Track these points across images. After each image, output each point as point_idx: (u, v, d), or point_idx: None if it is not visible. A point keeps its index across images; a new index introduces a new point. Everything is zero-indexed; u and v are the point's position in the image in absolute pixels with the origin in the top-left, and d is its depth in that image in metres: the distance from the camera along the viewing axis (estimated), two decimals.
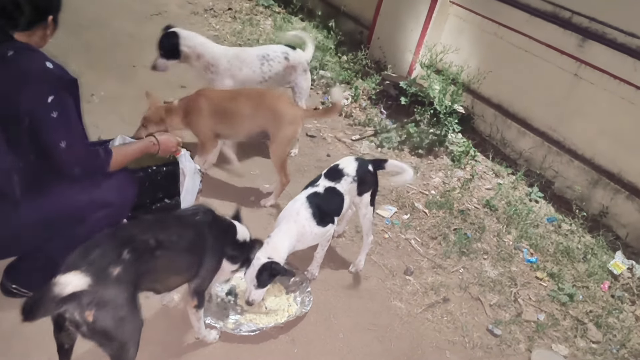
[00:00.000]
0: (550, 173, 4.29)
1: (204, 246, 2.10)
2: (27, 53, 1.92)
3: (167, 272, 2.01)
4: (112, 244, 1.76)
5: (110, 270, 1.67)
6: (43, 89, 1.87)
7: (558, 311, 3.10)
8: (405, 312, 2.85)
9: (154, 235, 1.89)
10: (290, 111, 3.20)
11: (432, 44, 4.98)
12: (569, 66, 4.12)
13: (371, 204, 2.88)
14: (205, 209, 2.19)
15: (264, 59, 3.68)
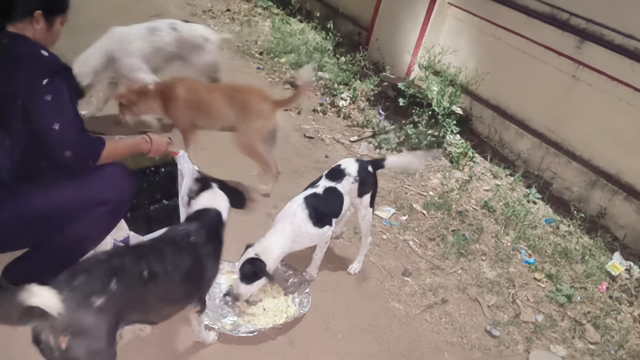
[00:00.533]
0: (548, 174, 4.29)
1: (203, 269, 2.03)
2: (22, 40, 1.96)
3: (162, 303, 1.91)
4: (101, 271, 1.66)
5: (93, 300, 1.58)
6: (37, 72, 1.89)
7: (556, 312, 3.11)
8: (403, 313, 2.85)
9: (148, 265, 1.78)
10: (259, 105, 3.26)
11: (431, 46, 4.99)
12: (567, 67, 4.13)
13: (371, 206, 2.89)
14: (196, 227, 2.07)
15: (153, 30, 3.72)
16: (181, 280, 1.92)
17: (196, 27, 3.88)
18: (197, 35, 3.84)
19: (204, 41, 3.85)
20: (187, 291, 2.01)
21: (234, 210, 3.21)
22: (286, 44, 5.69)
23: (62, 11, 2.08)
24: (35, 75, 1.89)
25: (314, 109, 4.75)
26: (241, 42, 5.71)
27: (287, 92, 4.96)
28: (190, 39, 3.81)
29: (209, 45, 3.88)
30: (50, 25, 2.04)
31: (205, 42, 3.86)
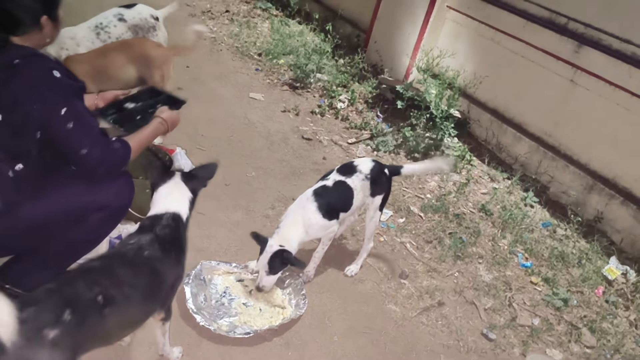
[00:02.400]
0: (545, 178, 4.30)
1: (162, 281, 1.89)
2: (34, 61, 1.88)
3: (122, 326, 1.80)
4: (52, 302, 1.53)
5: (45, 332, 1.45)
6: (55, 102, 1.84)
7: (552, 316, 3.11)
8: (400, 315, 2.85)
9: (102, 290, 1.63)
10: (159, 52, 3.33)
11: (429, 49, 4.99)
12: (565, 72, 4.14)
13: (380, 209, 2.92)
14: (148, 240, 1.88)
15: (98, 29, 3.61)
16: (141, 298, 1.79)
17: (140, 8, 3.80)
18: (146, 16, 3.79)
19: (154, 20, 3.82)
20: (149, 308, 1.89)
21: (232, 209, 3.24)
22: (285, 45, 5.70)
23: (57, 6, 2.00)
24: (53, 105, 1.84)
25: (312, 111, 4.75)
26: (240, 44, 5.71)
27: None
28: (141, 23, 3.75)
29: (159, 23, 3.86)
30: (55, 22, 1.99)
31: (156, 21, 3.83)
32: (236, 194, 3.44)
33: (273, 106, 4.69)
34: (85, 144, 1.92)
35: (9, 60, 1.84)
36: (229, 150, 3.91)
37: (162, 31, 3.90)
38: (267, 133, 4.25)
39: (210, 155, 3.76)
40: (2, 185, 1.89)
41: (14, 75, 1.83)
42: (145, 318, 1.92)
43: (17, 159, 1.91)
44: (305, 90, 5.09)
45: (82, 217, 2.08)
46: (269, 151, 4.03)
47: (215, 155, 3.76)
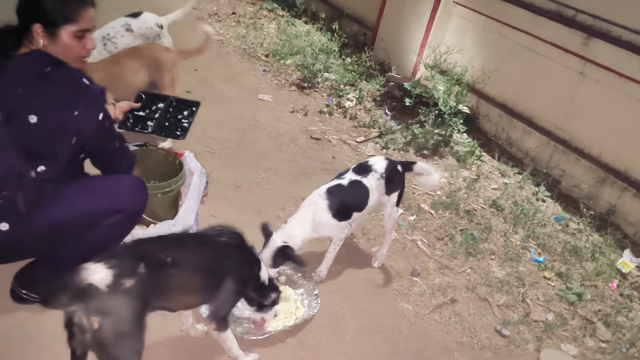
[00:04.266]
0: (557, 172, 4.27)
1: (223, 269, 2.04)
2: (64, 69, 1.96)
3: (181, 291, 1.96)
4: (129, 255, 1.75)
5: (123, 281, 1.65)
6: (94, 107, 2.01)
7: (566, 311, 3.09)
8: (412, 313, 2.85)
9: (171, 253, 1.86)
10: (168, 56, 3.38)
11: (436, 45, 4.98)
12: (574, 64, 4.11)
13: (397, 205, 2.94)
14: (232, 232, 2.14)
15: (105, 39, 3.63)
16: (201, 272, 1.98)
17: (146, 17, 3.82)
18: (152, 25, 3.81)
19: (159, 28, 3.84)
20: (206, 287, 2.03)
21: (243, 210, 3.26)
22: (292, 45, 5.71)
23: (65, 21, 1.94)
24: (93, 113, 1.99)
25: (320, 110, 4.76)
26: (247, 45, 5.73)
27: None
28: (147, 32, 3.78)
29: (163, 31, 3.88)
30: (54, 38, 1.94)
31: (160, 29, 3.85)
32: (246, 195, 3.46)
33: (281, 107, 4.71)
34: (117, 139, 2.18)
35: (41, 68, 1.91)
36: (239, 152, 3.93)
37: (167, 38, 3.93)
38: (276, 134, 4.27)
39: (220, 157, 3.78)
40: (25, 185, 1.93)
41: (48, 82, 1.90)
42: (201, 295, 2.05)
43: (41, 161, 1.96)
44: (313, 90, 5.10)
45: (98, 222, 2.12)
46: (278, 152, 4.05)
47: (225, 158, 3.79)
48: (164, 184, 2.70)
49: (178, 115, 2.78)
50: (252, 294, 2.21)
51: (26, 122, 1.88)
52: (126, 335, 1.67)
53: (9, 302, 2.29)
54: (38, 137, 1.92)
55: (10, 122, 1.90)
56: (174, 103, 2.82)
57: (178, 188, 2.80)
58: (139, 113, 2.68)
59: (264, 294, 2.25)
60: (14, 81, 1.90)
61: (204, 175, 3.02)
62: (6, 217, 1.93)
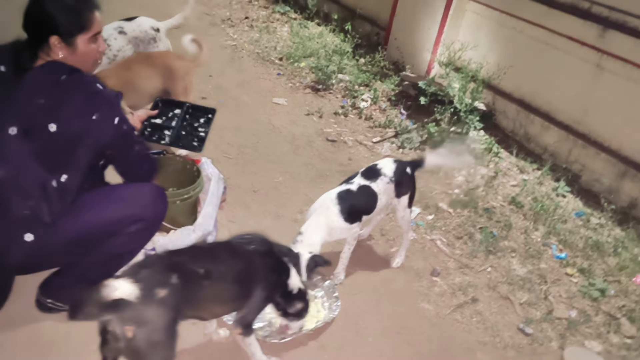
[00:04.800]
0: (576, 167, 4.22)
1: (254, 277, 2.08)
2: (79, 77, 2.00)
3: (213, 301, 2.01)
4: (162, 266, 1.79)
5: (156, 291, 1.69)
6: (110, 112, 2.02)
7: (590, 307, 3.06)
8: (433, 313, 2.85)
9: (204, 264, 1.89)
10: (181, 64, 3.39)
11: (450, 42, 4.95)
12: (591, 57, 4.05)
13: (409, 206, 2.93)
14: (262, 239, 2.18)
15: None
16: (231, 282, 2.01)
17: (141, 21, 3.81)
18: (147, 28, 3.80)
19: (154, 32, 3.83)
20: (236, 296, 2.06)
21: (262, 215, 3.28)
22: (305, 48, 5.73)
23: (81, 30, 2.00)
24: (108, 119, 2.01)
25: (335, 112, 4.77)
26: (260, 49, 5.76)
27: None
28: (141, 35, 3.77)
29: (159, 34, 3.87)
30: (71, 47, 2.00)
31: (156, 32, 3.84)
32: (264, 200, 3.49)
33: (296, 110, 4.73)
34: (136, 142, 2.20)
35: (56, 77, 1.95)
36: (255, 156, 3.97)
37: (164, 42, 3.91)
38: (292, 137, 4.29)
39: (237, 162, 3.82)
40: (49, 196, 1.97)
41: (64, 90, 1.94)
42: (233, 304, 2.10)
43: (63, 170, 2.00)
44: (328, 91, 5.11)
45: (119, 230, 2.15)
46: (294, 155, 4.07)
47: (242, 163, 3.82)
48: (183, 191, 2.73)
49: (194, 123, 2.81)
50: (279, 300, 2.25)
51: (46, 131, 1.92)
52: (159, 344, 1.71)
53: (34, 312, 2.34)
54: (59, 145, 1.96)
55: (30, 133, 1.94)
56: (190, 110, 2.84)
57: (196, 195, 2.83)
58: (155, 121, 2.71)
59: (290, 302, 2.27)
60: (32, 93, 1.94)
61: (221, 181, 3.05)
62: (31, 228, 1.97)
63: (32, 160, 1.95)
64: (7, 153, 1.94)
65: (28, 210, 1.95)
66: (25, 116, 1.94)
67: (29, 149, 1.94)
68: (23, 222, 1.96)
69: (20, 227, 1.96)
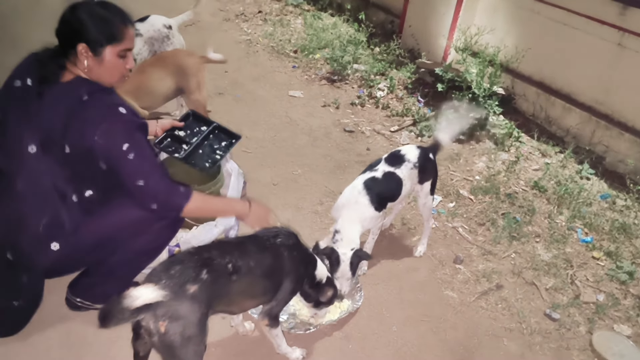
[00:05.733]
0: (600, 148, 4.14)
1: (282, 270, 2.10)
2: (101, 97, 1.97)
3: (243, 296, 2.02)
4: (193, 262, 1.80)
5: (188, 287, 1.72)
6: (118, 136, 1.92)
7: (618, 290, 3.00)
8: (458, 301, 2.83)
9: (232, 259, 1.91)
10: (192, 61, 3.41)
11: (466, 27, 4.88)
12: (611, 36, 3.96)
13: (431, 193, 2.92)
14: (288, 232, 2.19)
15: None
16: (260, 276, 2.02)
17: (153, 20, 3.82)
18: (159, 27, 3.81)
19: (167, 29, 3.84)
20: (265, 290, 2.08)
21: (282, 208, 3.29)
22: (319, 39, 5.71)
23: (110, 40, 1.97)
24: (116, 140, 1.92)
25: (352, 102, 4.75)
26: (275, 43, 5.76)
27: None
28: (155, 35, 3.78)
29: (172, 31, 3.88)
30: (99, 57, 1.97)
31: (169, 29, 3.85)
32: (284, 192, 3.49)
33: (313, 102, 4.72)
34: (142, 177, 1.97)
35: (78, 95, 1.93)
36: (274, 150, 3.97)
37: (177, 38, 3.92)
38: (309, 129, 4.29)
39: (256, 156, 3.83)
40: (68, 209, 2.00)
41: (82, 110, 1.92)
42: (262, 298, 2.11)
43: (88, 185, 2.02)
44: (344, 82, 5.09)
45: (144, 228, 2.17)
46: (312, 147, 4.07)
47: (260, 157, 3.83)
48: (203, 187, 2.75)
49: (215, 145, 2.77)
50: (309, 291, 2.27)
51: (62, 152, 1.94)
52: (191, 338, 1.73)
53: (65, 310, 2.39)
54: (76, 162, 1.97)
55: (48, 150, 1.95)
56: (216, 130, 2.80)
57: (217, 190, 2.85)
58: (178, 133, 2.69)
59: (321, 291, 2.30)
60: (53, 111, 1.93)
61: (241, 176, 3.07)
62: (56, 237, 2.00)
63: (50, 176, 1.97)
64: (25, 169, 1.96)
65: (45, 224, 1.97)
66: (45, 130, 1.95)
67: (48, 166, 1.96)
68: (47, 232, 1.99)
69: (46, 238, 1.99)
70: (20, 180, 1.97)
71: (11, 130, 1.97)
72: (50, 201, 1.98)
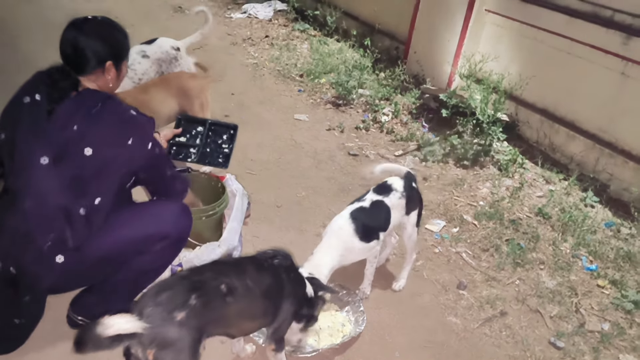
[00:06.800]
0: (604, 176, 4.14)
1: (282, 291, 2.09)
2: (113, 103, 2.05)
3: (241, 317, 1.99)
4: (182, 287, 1.77)
5: (175, 315, 1.69)
6: (143, 137, 2.07)
7: (623, 319, 2.97)
8: (461, 327, 2.80)
9: (227, 280, 1.87)
10: (195, 83, 3.45)
11: (470, 54, 4.94)
12: (615, 65, 4.00)
13: (417, 225, 2.89)
14: (284, 253, 2.19)
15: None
16: (259, 298, 1.99)
17: (161, 42, 3.89)
18: (167, 49, 3.87)
19: (175, 51, 3.89)
20: (264, 312, 2.06)
21: (285, 230, 3.29)
22: (325, 64, 5.78)
23: (126, 56, 2.19)
24: (142, 143, 2.06)
25: (356, 127, 4.78)
26: (281, 67, 5.83)
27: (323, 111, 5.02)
28: (163, 56, 3.84)
29: (180, 53, 3.93)
30: (119, 72, 2.14)
31: (177, 51, 3.91)
32: (288, 214, 3.50)
33: (318, 125, 4.76)
34: (169, 167, 2.25)
35: (91, 104, 1.99)
36: (278, 172, 3.99)
37: (185, 60, 3.98)
38: (313, 152, 4.31)
39: (261, 178, 3.85)
40: (74, 224, 2.00)
41: (99, 117, 1.98)
42: (262, 320, 2.09)
43: (97, 193, 2.03)
44: (349, 106, 5.13)
45: (146, 247, 2.18)
46: (316, 170, 4.08)
47: (265, 179, 3.84)
48: (208, 208, 2.76)
49: (218, 140, 2.84)
50: (305, 311, 2.24)
51: (81, 155, 1.95)
52: None
53: (65, 328, 2.38)
54: (93, 169, 1.99)
55: (64, 159, 1.97)
56: (212, 126, 2.86)
57: (221, 210, 2.85)
58: (180, 139, 2.75)
59: (313, 305, 2.29)
60: (67, 121, 1.96)
61: (245, 197, 3.08)
62: (61, 250, 2.00)
63: (58, 190, 1.97)
64: (34, 184, 1.97)
65: (50, 242, 1.98)
66: (59, 143, 1.97)
67: (58, 178, 1.97)
68: (53, 245, 1.99)
69: (51, 251, 2.00)
70: (28, 199, 1.97)
71: (20, 146, 1.98)
72: (57, 220, 1.98)
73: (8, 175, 2.05)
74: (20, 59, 4.97)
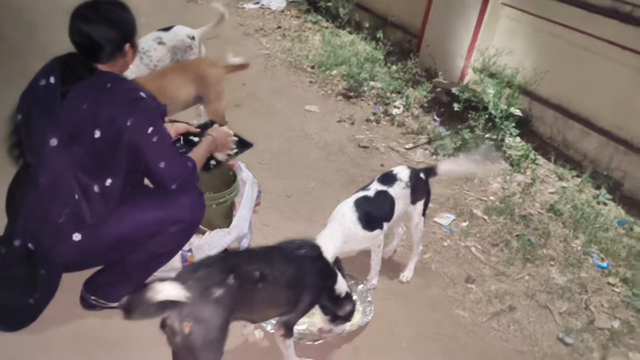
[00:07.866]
0: (618, 174, 4.09)
1: (304, 282, 2.10)
2: (123, 84, 2.06)
3: (266, 304, 2.03)
4: (220, 267, 1.81)
5: (213, 290, 1.72)
6: (144, 120, 2.02)
7: (633, 318, 2.94)
8: (469, 321, 2.79)
9: (259, 267, 1.91)
10: (213, 71, 3.44)
11: (485, 48, 4.89)
12: (633, 62, 3.93)
13: (423, 214, 2.87)
14: (312, 244, 2.22)
15: (141, 53, 3.67)
16: (284, 286, 2.02)
17: (177, 30, 3.90)
18: (183, 37, 3.87)
19: (190, 40, 3.89)
20: (286, 300, 2.08)
21: (295, 219, 3.29)
22: (337, 56, 5.75)
23: (136, 29, 2.18)
24: (142, 124, 2.02)
25: (367, 119, 4.76)
26: (293, 58, 5.81)
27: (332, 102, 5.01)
28: (179, 44, 3.84)
29: (195, 42, 3.93)
30: (134, 48, 2.16)
31: (192, 40, 3.90)
32: (297, 204, 3.49)
33: (328, 117, 4.74)
34: (164, 158, 2.10)
35: (102, 84, 2.01)
36: (288, 162, 3.98)
37: (200, 49, 3.99)
38: (324, 144, 4.30)
39: (271, 168, 3.84)
40: (90, 200, 2.03)
41: (110, 96, 2.00)
42: (283, 308, 2.10)
43: (108, 174, 2.05)
44: (360, 99, 5.11)
45: (160, 231, 2.21)
46: (326, 161, 4.07)
47: (275, 169, 3.84)
48: (219, 195, 2.76)
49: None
50: (327, 304, 2.26)
51: (91, 137, 1.97)
52: (213, 342, 1.73)
53: (78, 309, 2.41)
54: (103, 150, 2.00)
55: (75, 140, 1.99)
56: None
57: (232, 198, 2.85)
58: (193, 138, 2.71)
59: (340, 305, 2.29)
60: (78, 102, 1.99)
61: (255, 185, 3.07)
62: (79, 228, 2.03)
63: (71, 169, 2.00)
64: (48, 163, 2.00)
65: (64, 217, 2.01)
66: (71, 124, 1.99)
67: (70, 158, 2.00)
68: (69, 223, 2.02)
69: (68, 228, 2.03)
70: (43, 174, 2.00)
71: (35, 127, 2.02)
72: (71, 194, 2.00)
73: (27, 152, 2.09)
74: (37, 45, 5.00)
